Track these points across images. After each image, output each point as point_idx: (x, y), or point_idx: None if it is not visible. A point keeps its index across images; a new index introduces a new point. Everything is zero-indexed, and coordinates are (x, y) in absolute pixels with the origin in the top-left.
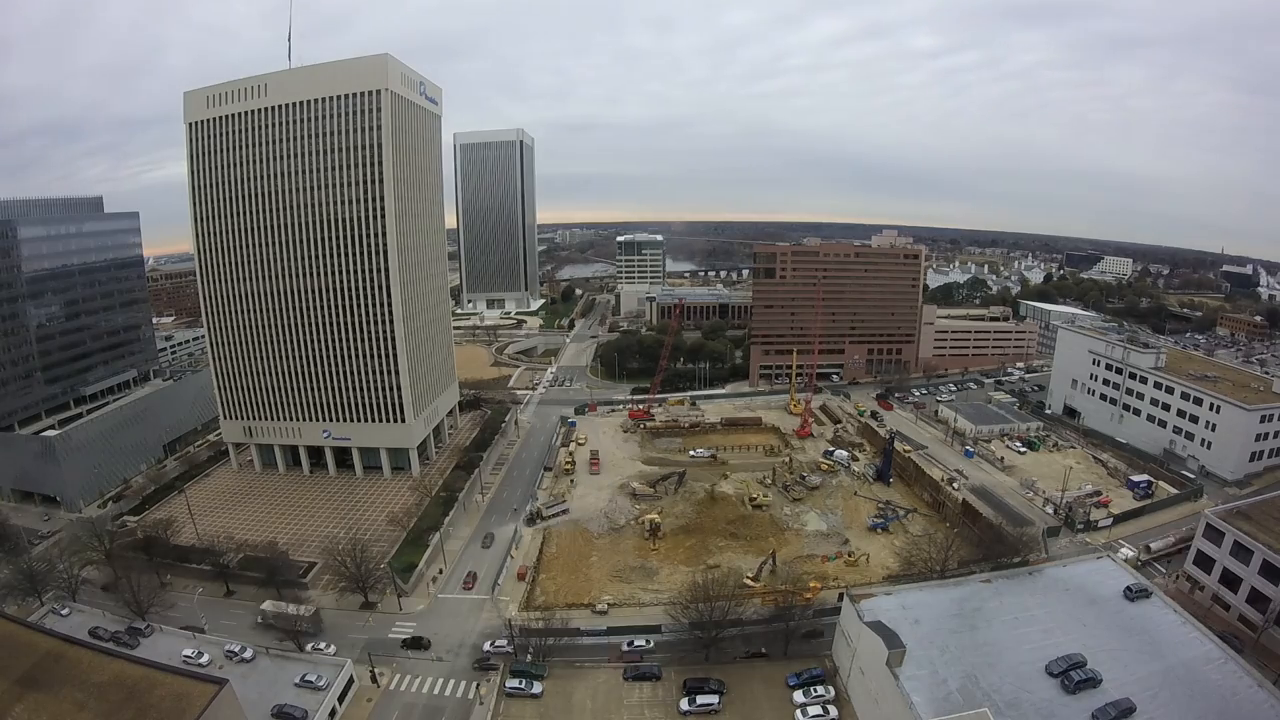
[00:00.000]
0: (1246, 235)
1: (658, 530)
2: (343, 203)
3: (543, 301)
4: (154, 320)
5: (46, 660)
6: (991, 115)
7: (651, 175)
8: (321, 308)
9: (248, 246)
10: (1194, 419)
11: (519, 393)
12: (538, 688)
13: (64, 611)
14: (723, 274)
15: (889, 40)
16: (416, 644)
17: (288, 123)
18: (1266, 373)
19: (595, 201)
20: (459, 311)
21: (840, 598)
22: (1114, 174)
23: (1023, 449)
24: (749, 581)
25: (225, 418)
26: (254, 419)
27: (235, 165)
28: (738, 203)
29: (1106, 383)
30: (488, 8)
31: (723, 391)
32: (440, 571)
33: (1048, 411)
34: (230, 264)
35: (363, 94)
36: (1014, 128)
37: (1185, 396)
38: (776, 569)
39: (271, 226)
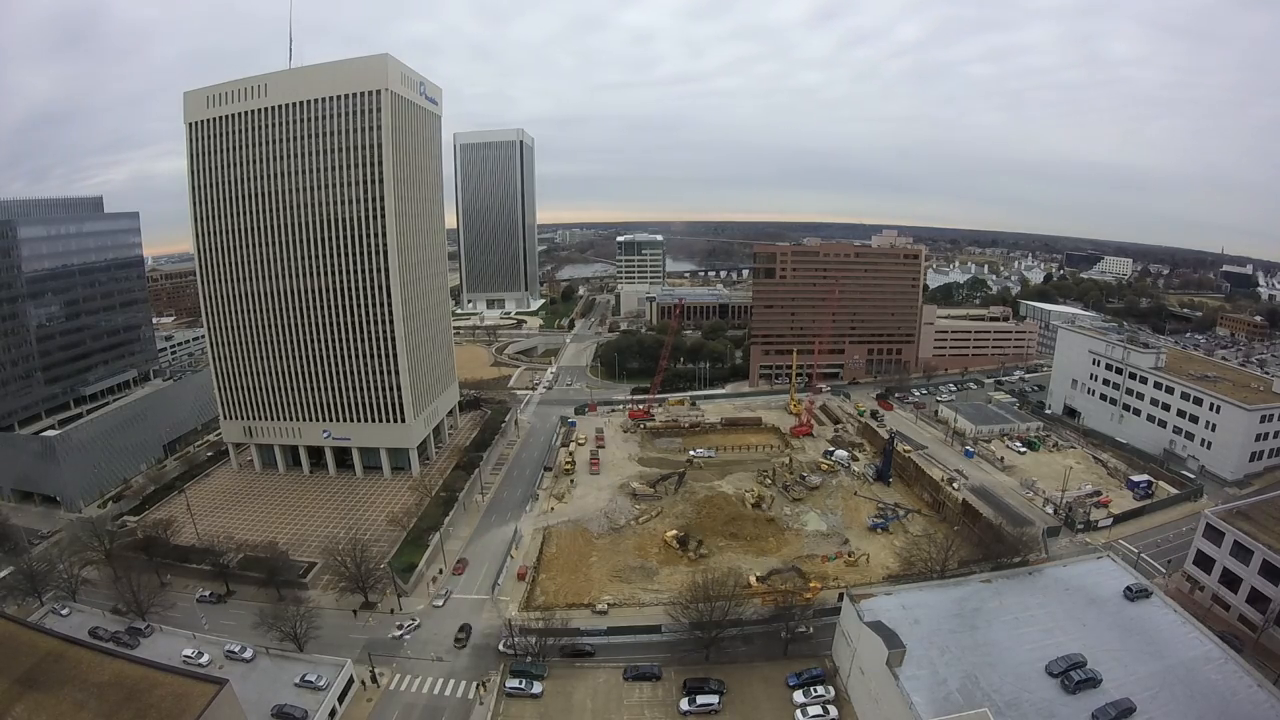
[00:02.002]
0: (1247, 235)
1: (686, 543)
2: (343, 203)
3: (543, 301)
4: (154, 320)
5: (46, 660)
6: (919, 101)
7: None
8: (321, 308)
9: (248, 246)
10: (1194, 419)
11: (519, 393)
12: (538, 688)
13: (64, 611)
14: (723, 274)
15: (739, 13)
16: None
17: (288, 123)
18: (1266, 373)
19: (595, 202)
20: (459, 311)
21: (840, 598)
22: (1084, 166)
23: (1023, 449)
24: (754, 581)
25: (225, 418)
26: (254, 419)
27: (235, 165)
28: (737, 203)
29: (1106, 383)
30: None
31: (723, 391)
32: (440, 571)
33: (1048, 411)
34: (230, 264)
35: (363, 94)
36: (949, 112)
37: (1185, 396)
38: (804, 577)
39: (271, 226)
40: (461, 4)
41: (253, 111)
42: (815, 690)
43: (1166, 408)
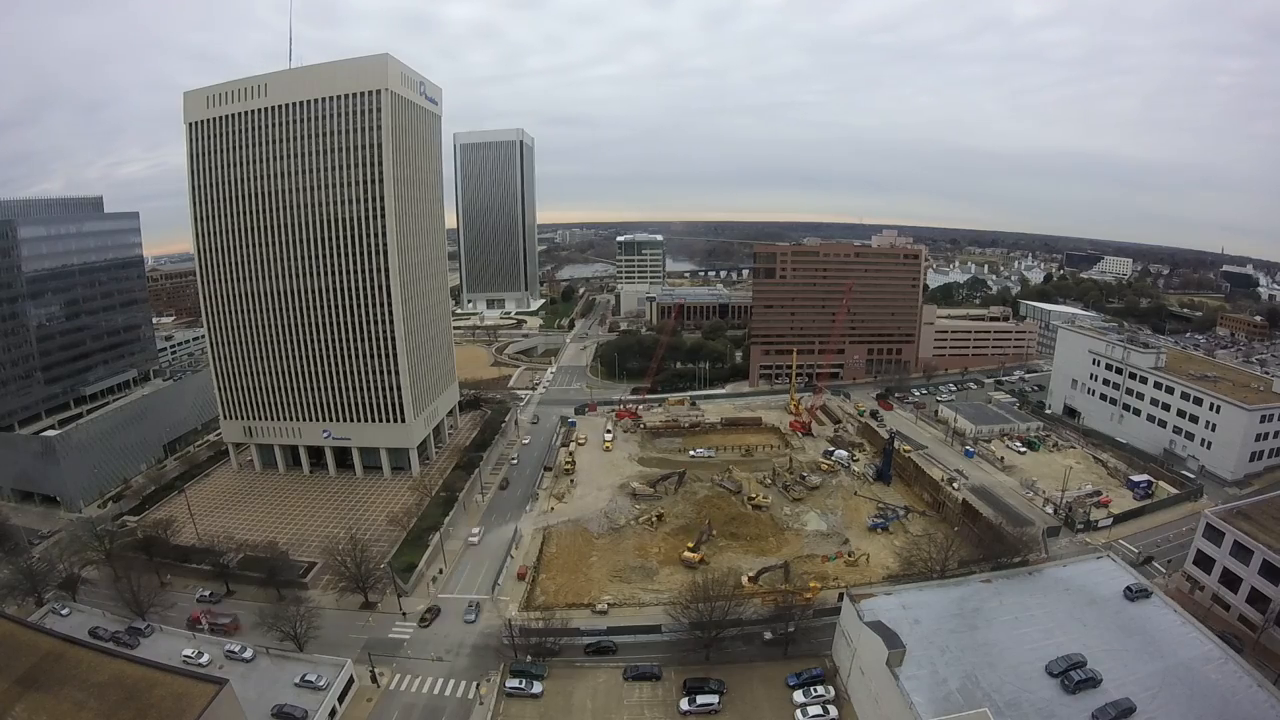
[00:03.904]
0: (1247, 235)
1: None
2: (343, 203)
3: (543, 301)
4: (154, 320)
5: (46, 660)
6: (838, 84)
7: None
8: (321, 308)
9: (248, 246)
10: (1194, 419)
11: (519, 393)
12: (538, 688)
13: (64, 611)
14: (723, 274)
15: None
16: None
17: (288, 123)
18: (1266, 373)
19: (595, 202)
20: (459, 311)
21: (840, 598)
22: (1044, 157)
23: (1023, 449)
24: (747, 581)
25: (225, 418)
26: (254, 419)
27: (235, 165)
28: (737, 203)
29: (1106, 383)
30: None
31: (723, 391)
32: (440, 571)
33: (1048, 411)
34: (230, 264)
35: (363, 94)
36: (878, 96)
37: (1185, 396)
38: (790, 579)
39: (271, 226)
40: (271, 10)
41: (253, 111)
42: (815, 690)
43: (1166, 408)
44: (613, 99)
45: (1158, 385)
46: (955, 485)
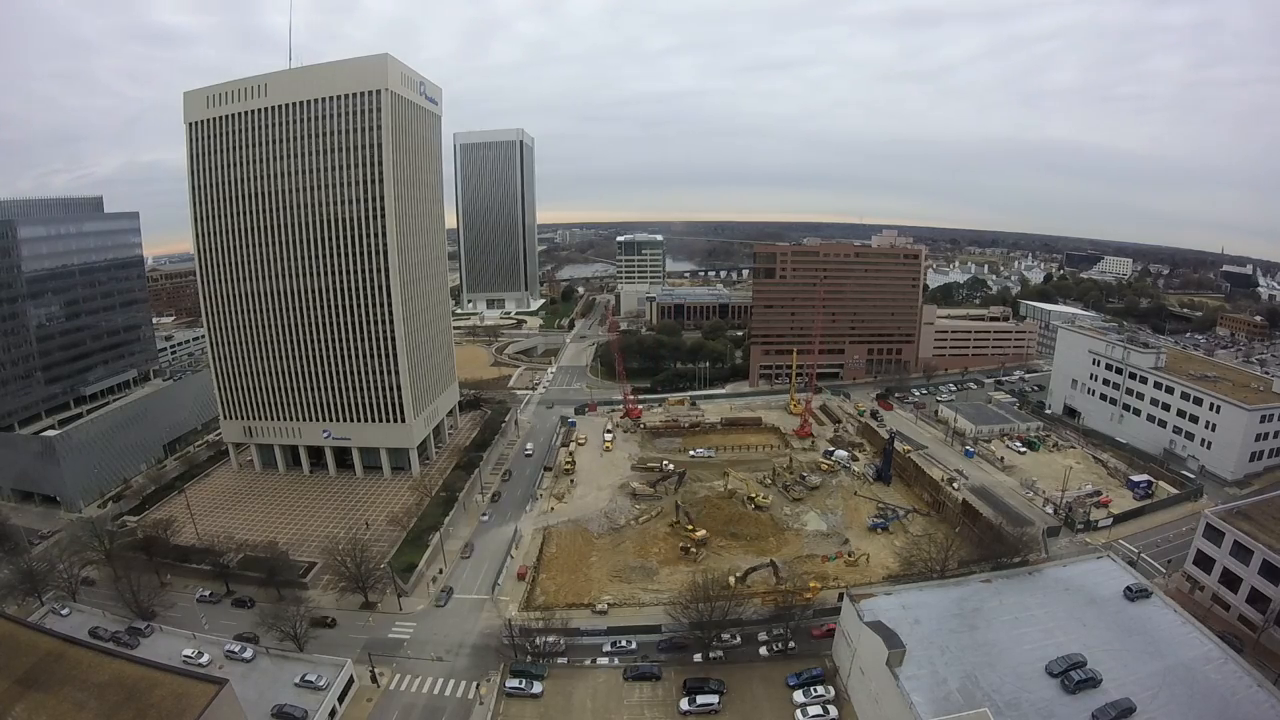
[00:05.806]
0: (1247, 234)
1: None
2: (343, 203)
3: (543, 301)
4: (154, 320)
5: (46, 660)
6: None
7: None
8: (321, 308)
9: (248, 246)
10: (1194, 419)
11: (519, 393)
12: (538, 688)
13: (64, 611)
14: (723, 274)
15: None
16: None
17: (288, 123)
18: (1266, 373)
19: (595, 201)
20: (459, 311)
21: (840, 598)
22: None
23: (1023, 449)
24: (734, 582)
25: (225, 418)
26: (254, 419)
27: (235, 165)
28: (737, 203)
29: (1106, 383)
30: None
31: (723, 391)
32: (440, 571)
33: (1048, 411)
34: (230, 264)
35: (363, 94)
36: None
37: (1185, 396)
38: (779, 574)
39: (271, 226)
40: (113, 38)
41: (253, 111)
42: (815, 690)
43: (1166, 408)
44: (493, 91)
45: (1158, 385)
46: (955, 485)
